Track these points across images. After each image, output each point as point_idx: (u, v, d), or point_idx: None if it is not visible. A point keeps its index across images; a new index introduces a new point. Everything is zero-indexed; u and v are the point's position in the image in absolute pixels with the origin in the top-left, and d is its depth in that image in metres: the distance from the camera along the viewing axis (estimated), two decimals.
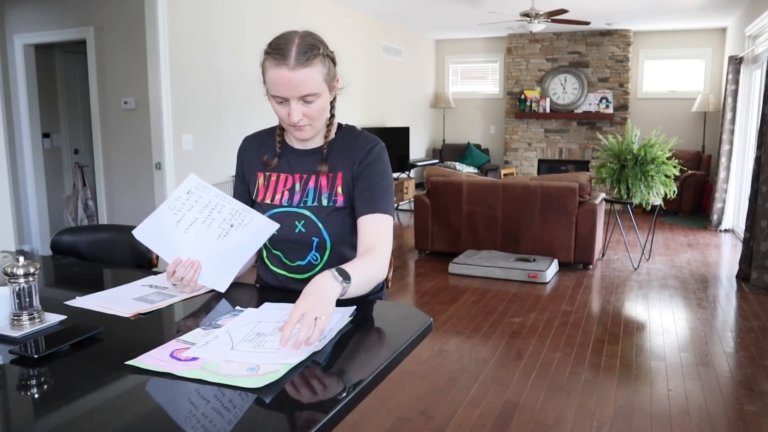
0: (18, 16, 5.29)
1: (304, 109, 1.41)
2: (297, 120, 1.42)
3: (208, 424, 0.91)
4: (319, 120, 1.47)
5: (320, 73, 1.39)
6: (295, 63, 1.35)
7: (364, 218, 1.49)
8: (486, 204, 5.42)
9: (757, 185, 4.82)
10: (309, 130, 1.47)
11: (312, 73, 1.37)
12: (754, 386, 2.96)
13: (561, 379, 3.04)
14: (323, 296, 1.19)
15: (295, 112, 1.41)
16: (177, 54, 4.78)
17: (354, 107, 7.43)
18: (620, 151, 5.24)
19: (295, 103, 1.40)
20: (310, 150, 1.56)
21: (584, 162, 9.06)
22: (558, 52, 9.01)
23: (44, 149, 5.68)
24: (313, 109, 1.42)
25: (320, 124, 1.49)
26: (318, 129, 1.50)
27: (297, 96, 1.39)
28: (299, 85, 1.37)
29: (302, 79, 1.36)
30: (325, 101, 1.44)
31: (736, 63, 6.78)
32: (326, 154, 1.53)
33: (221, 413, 0.94)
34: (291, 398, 1.00)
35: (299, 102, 1.40)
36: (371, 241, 1.46)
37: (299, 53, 1.36)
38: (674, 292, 4.61)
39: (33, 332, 1.25)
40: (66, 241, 2.10)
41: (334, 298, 1.23)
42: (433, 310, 4.14)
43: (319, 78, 1.39)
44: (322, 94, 1.42)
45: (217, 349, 1.15)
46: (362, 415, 2.63)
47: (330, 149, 1.55)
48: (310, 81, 1.37)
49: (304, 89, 1.38)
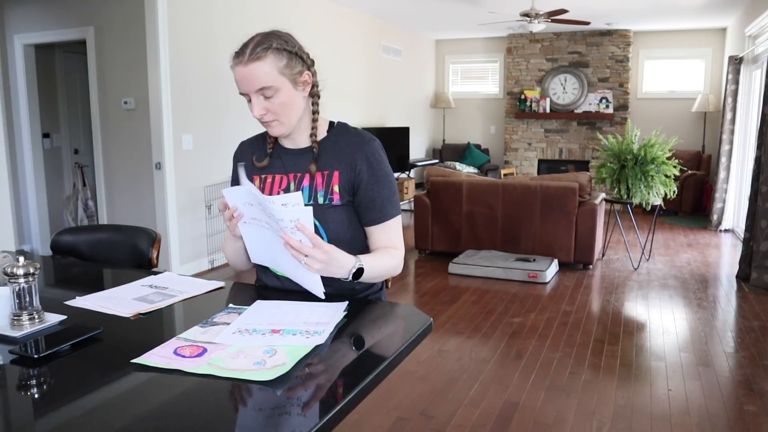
0: (18, 16, 5.29)
1: (266, 104, 1.44)
2: (259, 115, 1.45)
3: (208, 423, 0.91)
4: (285, 115, 1.47)
5: (274, 67, 1.41)
6: (248, 58, 1.40)
7: (375, 228, 1.55)
8: (486, 204, 5.42)
9: (757, 185, 4.82)
10: (277, 126, 1.49)
11: (263, 66, 1.40)
12: (754, 386, 2.96)
13: (561, 379, 3.04)
14: (334, 258, 1.36)
15: (256, 107, 1.45)
16: (177, 54, 4.78)
17: (354, 107, 7.43)
18: (620, 151, 5.24)
19: (255, 98, 1.44)
20: (302, 149, 1.57)
21: (584, 162, 9.06)
22: (558, 52, 9.01)
23: (44, 149, 5.68)
24: (275, 104, 1.44)
25: (290, 119, 1.49)
26: (289, 125, 1.50)
27: (253, 90, 1.43)
28: (252, 78, 1.41)
29: (254, 73, 1.40)
30: (287, 96, 1.45)
31: (736, 63, 6.78)
32: (317, 153, 1.53)
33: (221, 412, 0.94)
34: (291, 398, 1.00)
35: (259, 97, 1.44)
36: (385, 246, 1.56)
37: (252, 49, 1.40)
38: (674, 292, 4.61)
39: (33, 332, 1.25)
40: (66, 241, 2.10)
41: (343, 265, 1.38)
42: (433, 310, 4.14)
43: (273, 71, 1.41)
44: (280, 89, 1.43)
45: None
46: (362, 415, 2.63)
47: (322, 147, 1.55)
48: (262, 74, 1.40)
49: (257, 83, 1.41)
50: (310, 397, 1.01)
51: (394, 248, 1.56)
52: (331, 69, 6.74)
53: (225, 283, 1.62)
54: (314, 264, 1.33)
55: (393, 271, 1.56)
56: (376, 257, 1.51)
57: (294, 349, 1.15)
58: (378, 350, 1.26)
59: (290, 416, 0.95)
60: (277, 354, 1.12)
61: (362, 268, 1.42)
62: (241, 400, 0.99)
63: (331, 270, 1.37)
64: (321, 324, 1.28)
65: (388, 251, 1.55)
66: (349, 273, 1.40)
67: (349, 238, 1.55)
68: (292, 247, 1.32)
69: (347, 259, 1.40)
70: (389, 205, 1.55)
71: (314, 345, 1.17)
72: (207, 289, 1.57)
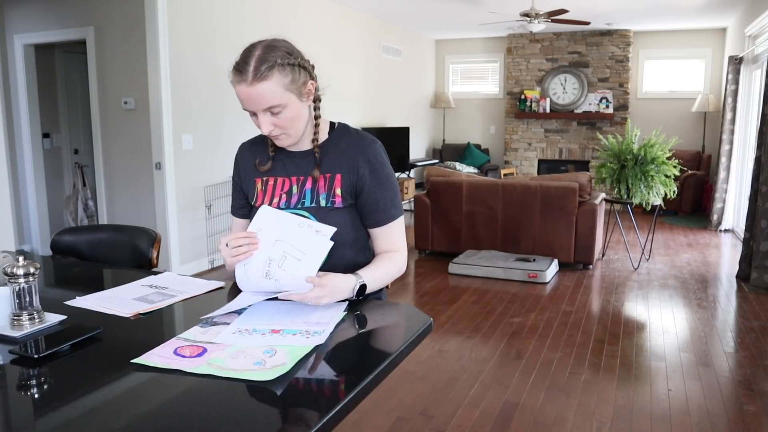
0: (18, 16, 5.29)
1: (274, 120, 1.42)
2: (268, 131, 1.44)
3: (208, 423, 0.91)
4: (293, 128, 1.47)
5: (280, 85, 1.38)
6: (252, 78, 1.36)
7: (378, 230, 1.56)
8: (486, 204, 5.42)
9: (757, 185, 4.82)
10: (285, 139, 1.48)
11: (270, 86, 1.37)
12: (754, 386, 2.96)
13: (561, 379, 3.04)
14: (336, 287, 1.40)
15: (264, 125, 1.43)
16: (177, 54, 4.78)
17: (354, 107, 7.43)
18: (620, 151, 5.24)
19: (263, 116, 1.42)
20: (304, 152, 1.56)
21: (584, 162, 9.06)
22: (558, 52, 9.01)
23: (44, 149, 5.68)
24: (283, 119, 1.43)
25: (297, 131, 1.48)
26: (296, 136, 1.50)
27: (261, 109, 1.40)
28: (259, 99, 1.38)
29: (261, 94, 1.37)
30: (295, 110, 1.43)
31: (736, 63, 6.78)
32: (319, 157, 1.53)
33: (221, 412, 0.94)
34: (291, 398, 1.00)
35: (267, 114, 1.42)
36: (388, 247, 1.58)
37: (255, 68, 1.36)
38: (674, 292, 4.61)
39: (33, 332, 1.25)
40: (66, 241, 2.10)
41: (345, 289, 1.42)
42: (433, 310, 4.14)
43: (279, 89, 1.38)
44: (288, 104, 1.41)
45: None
46: (362, 415, 2.63)
47: (324, 150, 1.55)
48: (269, 94, 1.38)
49: (265, 102, 1.39)
50: (309, 397, 1.01)
51: (397, 250, 1.58)
52: (332, 69, 6.74)
53: (225, 283, 1.62)
54: (321, 301, 1.38)
55: (396, 274, 1.58)
56: (377, 267, 1.52)
57: (294, 349, 1.15)
58: (378, 350, 1.26)
59: (290, 416, 0.95)
60: (277, 354, 1.12)
61: (365, 284, 1.45)
62: (241, 400, 0.99)
63: (338, 296, 1.41)
64: (321, 324, 1.28)
65: (389, 256, 1.56)
66: (353, 292, 1.43)
67: (352, 239, 1.55)
68: (296, 298, 1.39)
69: (347, 281, 1.43)
70: (392, 207, 1.56)
71: (314, 345, 1.17)
72: (207, 289, 1.57)
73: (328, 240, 1.42)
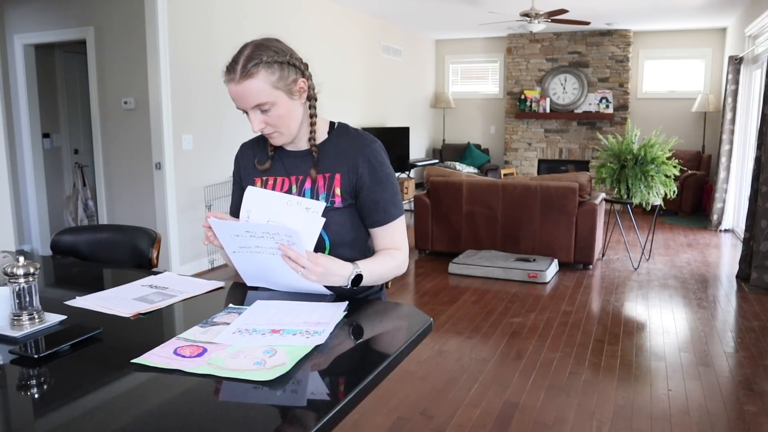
0: (18, 16, 5.29)
1: (264, 118, 1.44)
2: (258, 129, 1.45)
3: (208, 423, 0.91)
4: (285, 126, 1.47)
5: (267, 82, 1.39)
6: (239, 76, 1.39)
7: (378, 229, 1.56)
8: (486, 204, 5.42)
9: (757, 185, 4.82)
10: (279, 137, 1.49)
11: (256, 84, 1.39)
12: (754, 386, 2.96)
13: (561, 379, 3.04)
14: (330, 269, 1.39)
15: (254, 122, 1.44)
16: (177, 54, 4.78)
17: (354, 107, 7.43)
18: (620, 151, 5.24)
19: (253, 114, 1.44)
20: (303, 152, 1.57)
21: (584, 162, 9.06)
22: (558, 52, 9.01)
23: (44, 149, 5.68)
24: (273, 117, 1.44)
25: (290, 129, 1.49)
26: (290, 134, 1.50)
27: (249, 107, 1.42)
28: (247, 96, 1.40)
29: (248, 91, 1.39)
30: (284, 107, 1.44)
31: (736, 63, 6.78)
32: (316, 157, 1.53)
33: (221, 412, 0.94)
34: (291, 398, 1.00)
35: (257, 112, 1.43)
36: (389, 246, 1.57)
37: (243, 66, 1.39)
38: (674, 292, 4.61)
39: (33, 332, 1.25)
40: (66, 241, 2.10)
41: (340, 275, 1.40)
42: (433, 310, 4.14)
43: (266, 87, 1.39)
44: (277, 102, 1.42)
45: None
46: (362, 415, 2.63)
47: (323, 150, 1.55)
48: (255, 91, 1.39)
49: (252, 100, 1.40)
50: (309, 397, 1.01)
51: (398, 249, 1.57)
52: (331, 69, 6.75)
53: (225, 283, 1.62)
54: (311, 275, 1.37)
55: (395, 272, 1.56)
56: (375, 261, 1.52)
57: (294, 349, 1.15)
58: (378, 350, 1.26)
59: (290, 416, 0.95)
60: (277, 354, 1.12)
61: (361, 275, 1.43)
62: (241, 400, 0.99)
63: (329, 279, 1.40)
64: (321, 324, 1.28)
65: (389, 253, 1.56)
66: (348, 280, 1.42)
67: (352, 239, 1.55)
68: (290, 258, 1.35)
69: (344, 268, 1.42)
70: (392, 206, 1.55)
71: (314, 345, 1.17)
72: (207, 289, 1.57)
73: (319, 216, 1.42)
